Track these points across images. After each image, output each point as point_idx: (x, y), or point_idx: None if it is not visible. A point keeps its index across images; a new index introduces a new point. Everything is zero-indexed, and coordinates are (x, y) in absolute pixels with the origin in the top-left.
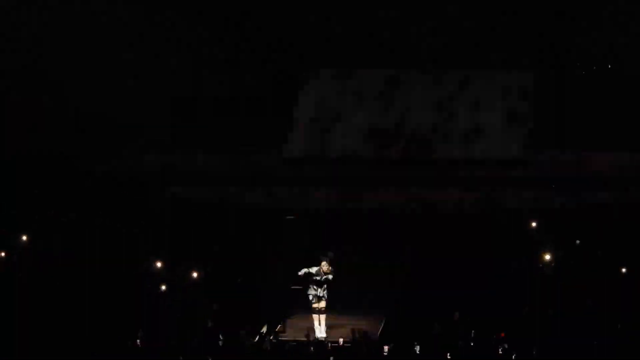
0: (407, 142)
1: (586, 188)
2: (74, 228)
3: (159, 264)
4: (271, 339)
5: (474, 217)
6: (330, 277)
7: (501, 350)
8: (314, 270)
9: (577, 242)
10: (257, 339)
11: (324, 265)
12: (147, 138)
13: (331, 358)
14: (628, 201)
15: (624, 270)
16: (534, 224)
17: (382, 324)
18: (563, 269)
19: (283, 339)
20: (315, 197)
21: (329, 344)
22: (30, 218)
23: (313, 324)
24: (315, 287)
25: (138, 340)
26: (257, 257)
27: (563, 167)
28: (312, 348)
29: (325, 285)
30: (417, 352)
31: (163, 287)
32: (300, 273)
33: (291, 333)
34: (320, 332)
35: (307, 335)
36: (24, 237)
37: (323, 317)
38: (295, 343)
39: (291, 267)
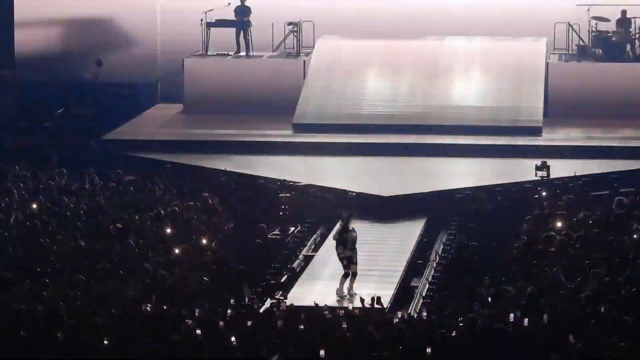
0: None
1: None
2: None
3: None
4: (281, 305)
5: None
6: (354, 234)
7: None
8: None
9: None
10: (267, 304)
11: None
12: None
13: (344, 324)
14: None
15: None
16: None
17: (395, 290)
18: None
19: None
20: None
21: (340, 310)
22: None
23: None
24: (342, 247)
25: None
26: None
27: None
28: (325, 313)
29: (351, 244)
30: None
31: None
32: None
33: (301, 298)
34: (344, 292)
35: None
36: None
37: (352, 280)
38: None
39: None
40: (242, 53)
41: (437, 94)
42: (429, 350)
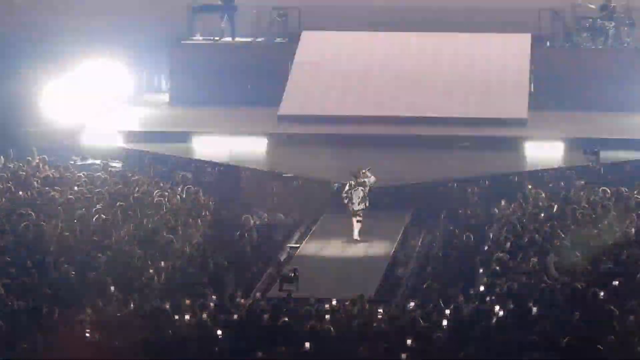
0: None
1: None
2: None
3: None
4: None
5: None
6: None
7: None
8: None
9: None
10: (251, 300)
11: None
12: None
13: (327, 316)
14: None
15: None
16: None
17: (380, 278)
18: None
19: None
20: None
21: (325, 304)
22: None
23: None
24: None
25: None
26: None
27: None
28: (310, 306)
29: (361, 196)
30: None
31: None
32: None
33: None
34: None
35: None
36: None
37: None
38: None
39: None
40: (228, 38)
41: (422, 86)
42: (409, 342)
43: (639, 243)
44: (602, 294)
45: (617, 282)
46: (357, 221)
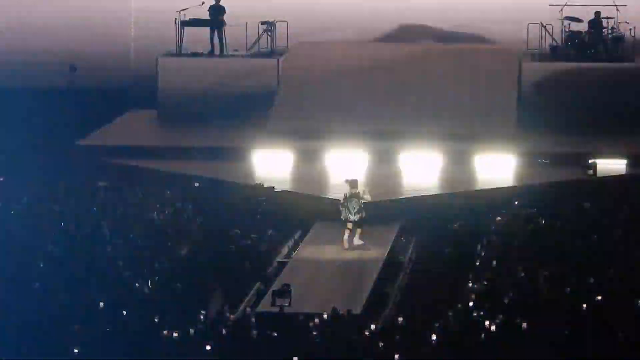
0: None
1: None
2: None
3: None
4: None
5: None
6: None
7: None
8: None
9: None
10: (239, 313)
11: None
12: None
13: (314, 333)
14: None
15: None
16: None
17: (368, 293)
18: None
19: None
20: None
21: (313, 320)
22: None
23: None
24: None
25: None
26: None
27: None
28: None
29: (358, 208)
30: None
31: None
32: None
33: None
34: (350, 244)
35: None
36: None
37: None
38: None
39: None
40: (216, 52)
41: (411, 99)
42: (397, 356)
43: (625, 258)
44: (591, 309)
45: (606, 298)
46: (350, 230)
